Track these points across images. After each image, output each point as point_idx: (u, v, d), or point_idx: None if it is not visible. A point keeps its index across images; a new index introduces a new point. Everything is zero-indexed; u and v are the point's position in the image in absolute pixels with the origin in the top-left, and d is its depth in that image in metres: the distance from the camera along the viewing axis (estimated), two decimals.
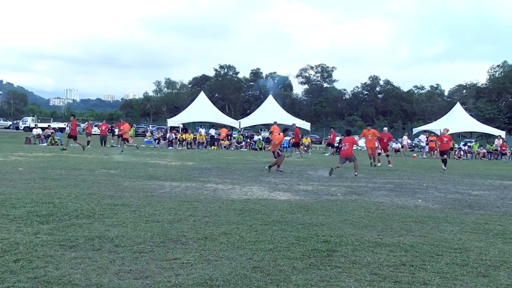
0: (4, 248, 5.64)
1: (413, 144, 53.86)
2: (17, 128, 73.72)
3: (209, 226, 7.41)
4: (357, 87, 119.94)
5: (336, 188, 13.13)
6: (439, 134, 41.98)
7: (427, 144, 38.91)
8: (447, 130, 24.86)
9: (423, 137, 41.20)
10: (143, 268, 5.23)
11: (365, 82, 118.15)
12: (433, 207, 10.33)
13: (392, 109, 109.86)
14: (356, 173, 17.20)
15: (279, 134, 19.75)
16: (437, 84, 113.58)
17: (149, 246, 6.07)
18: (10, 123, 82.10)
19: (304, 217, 8.50)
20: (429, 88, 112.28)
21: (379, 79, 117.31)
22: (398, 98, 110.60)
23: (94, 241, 6.16)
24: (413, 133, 56.34)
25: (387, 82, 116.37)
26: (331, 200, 10.83)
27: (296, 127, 32.62)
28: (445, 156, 22.42)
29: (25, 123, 70.74)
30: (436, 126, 48.18)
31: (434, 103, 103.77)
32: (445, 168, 21.53)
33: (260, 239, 6.65)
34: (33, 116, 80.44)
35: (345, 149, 18.22)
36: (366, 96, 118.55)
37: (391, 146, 38.95)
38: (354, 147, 18.64)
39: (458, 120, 48.73)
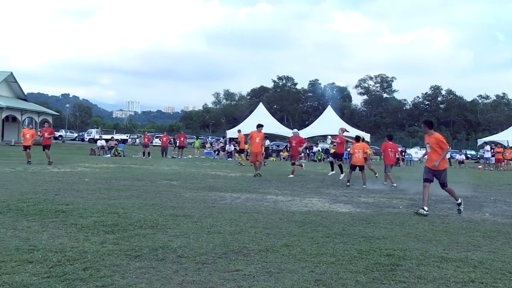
0: (74, 256, 5.82)
1: (478, 156, 52.30)
2: (82, 139, 76.17)
3: (270, 238, 7.41)
4: (417, 97, 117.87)
5: (398, 201, 12.89)
6: (506, 145, 40.53)
7: (493, 156, 37.66)
8: None
9: (488, 148, 39.91)
10: (206, 279, 5.27)
11: (426, 92, 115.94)
12: (502, 222, 9.97)
13: (455, 119, 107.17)
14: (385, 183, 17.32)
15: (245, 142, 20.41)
16: (504, 93, 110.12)
17: (211, 257, 6.12)
18: (76, 135, 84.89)
19: (366, 230, 8.37)
20: (495, 98, 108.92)
21: (441, 89, 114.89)
22: (461, 108, 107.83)
23: (158, 251, 6.26)
24: (478, 144, 54.71)
25: (450, 92, 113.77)
26: (393, 213, 10.64)
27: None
28: None
29: (90, 135, 73.05)
30: (503, 137, 46.63)
31: (500, 113, 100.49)
32: None
33: (321, 252, 6.59)
34: (97, 128, 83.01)
35: (392, 156, 18.02)
36: (427, 106, 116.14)
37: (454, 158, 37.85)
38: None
39: None
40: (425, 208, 10.36)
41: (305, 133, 49.33)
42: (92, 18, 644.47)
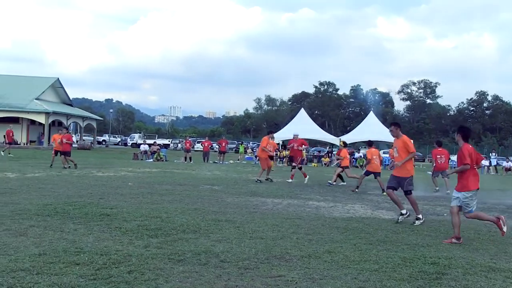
0: (119, 259, 5.92)
1: None
2: (125, 144, 77.41)
3: (313, 244, 7.38)
4: (462, 102, 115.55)
5: (441, 208, 12.66)
6: None
7: None
8: None
9: None
10: (248, 284, 5.29)
11: (471, 98, 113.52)
12: None
13: (502, 125, 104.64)
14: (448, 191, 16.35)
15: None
16: None
17: (253, 263, 6.13)
18: (119, 139, 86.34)
19: (410, 237, 8.25)
20: None
21: (487, 94, 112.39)
22: (508, 114, 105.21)
23: (201, 256, 6.31)
24: None
25: (496, 98, 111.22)
26: (438, 220, 10.46)
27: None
28: None
29: (133, 140, 74.13)
30: None
31: None
32: None
33: (364, 259, 6.53)
34: (139, 132, 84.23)
35: (442, 162, 17.57)
36: (472, 112, 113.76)
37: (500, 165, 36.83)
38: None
39: None
40: (420, 216, 9.87)
41: (346, 139, 48.92)
42: (136, 25, 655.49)
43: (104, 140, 76.10)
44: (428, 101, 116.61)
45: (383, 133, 47.40)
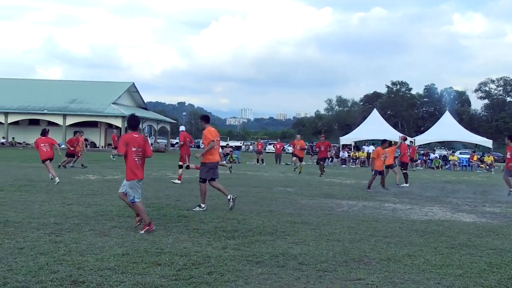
0: (198, 261, 6.01)
1: None
2: (198, 146, 78.65)
3: (391, 247, 7.23)
4: None
5: None
6: None
7: None
8: None
9: None
10: (328, 287, 5.23)
11: None
12: None
13: None
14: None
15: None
16: None
17: (332, 265, 6.06)
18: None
19: (495, 242, 7.92)
20: None
21: None
22: None
23: (279, 258, 6.31)
24: None
25: None
26: None
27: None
28: None
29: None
30: None
31: None
32: None
33: (447, 263, 6.32)
34: None
35: None
36: None
37: None
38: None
39: None
40: (202, 205, 10.25)
41: (421, 139, 47.90)
42: (207, 29, 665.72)
43: (177, 143, 77.60)
44: (508, 99, 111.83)
45: (459, 134, 45.98)
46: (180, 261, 5.94)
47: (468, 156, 41.19)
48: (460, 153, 46.37)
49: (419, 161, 38.35)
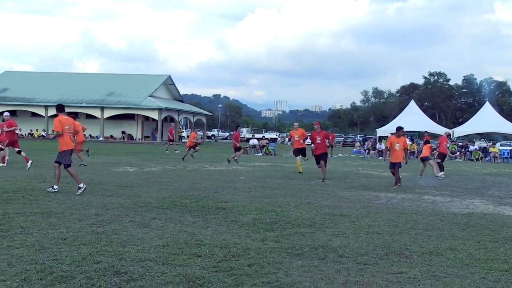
0: (238, 253, 6.02)
1: None
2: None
3: (432, 240, 7.11)
4: None
5: None
6: None
7: None
8: None
9: None
10: (369, 280, 5.18)
11: None
12: None
13: None
14: None
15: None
16: None
17: (372, 258, 6.00)
18: (227, 134, 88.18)
19: None
20: None
21: None
22: None
23: (318, 250, 6.27)
24: None
25: None
26: None
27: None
28: None
29: (241, 134, 75.21)
30: None
31: None
32: None
33: (491, 258, 6.19)
34: (247, 127, 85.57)
35: None
36: None
37: None
38: None
39: None
40: (55, 187, 10.80)
41: (460, 131, 47.05)
42: (243, 21, 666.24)
43: (213, 135, 78.09)
44: None
45: (500, 124, 44.97)
46: (220, 253, 5.96)
47: (510, 148, 40.25)
48: (501, 145, 45.32)
49: (458, 153, 37.67)
